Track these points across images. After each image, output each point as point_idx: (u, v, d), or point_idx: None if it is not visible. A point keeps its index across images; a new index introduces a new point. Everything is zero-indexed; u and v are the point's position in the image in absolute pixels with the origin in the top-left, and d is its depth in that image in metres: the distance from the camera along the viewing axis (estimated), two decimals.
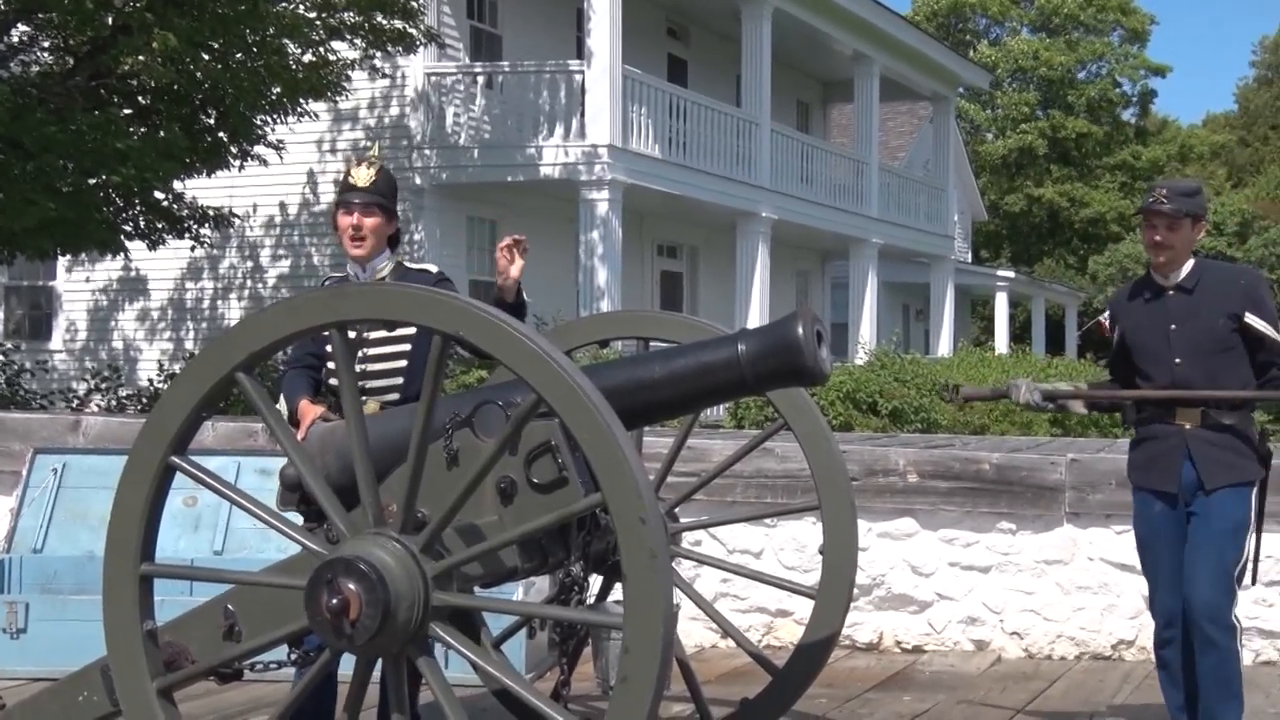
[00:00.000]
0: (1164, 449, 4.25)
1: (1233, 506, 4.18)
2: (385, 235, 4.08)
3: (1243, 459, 4.21)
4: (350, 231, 4.03)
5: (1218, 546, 4.14)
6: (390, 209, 4.08)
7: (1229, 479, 4.17)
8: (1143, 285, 4.40)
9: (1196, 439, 4.20)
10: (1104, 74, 38.97)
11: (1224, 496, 4.16)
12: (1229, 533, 4.16)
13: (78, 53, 11.57)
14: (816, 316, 3.33)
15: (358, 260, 4.07)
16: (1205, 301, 4.22)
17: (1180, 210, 4.21)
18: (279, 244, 16.66)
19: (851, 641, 6.39)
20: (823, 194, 20.62)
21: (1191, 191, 4.31)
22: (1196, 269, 4.29)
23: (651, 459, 4.71)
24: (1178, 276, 4.28)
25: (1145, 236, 4.29)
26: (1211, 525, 4.16)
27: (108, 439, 6.62)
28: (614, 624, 2.76)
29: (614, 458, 2.58)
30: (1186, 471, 4.20)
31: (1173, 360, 4.23)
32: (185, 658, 3.00)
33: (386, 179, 4.10)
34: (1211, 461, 4.17)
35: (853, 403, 13.15)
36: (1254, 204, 34.08)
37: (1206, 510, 4.17)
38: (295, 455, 2.97)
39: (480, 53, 16.82)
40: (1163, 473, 4.24)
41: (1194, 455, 4.19)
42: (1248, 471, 4.21)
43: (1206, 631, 4.13)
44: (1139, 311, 4.34)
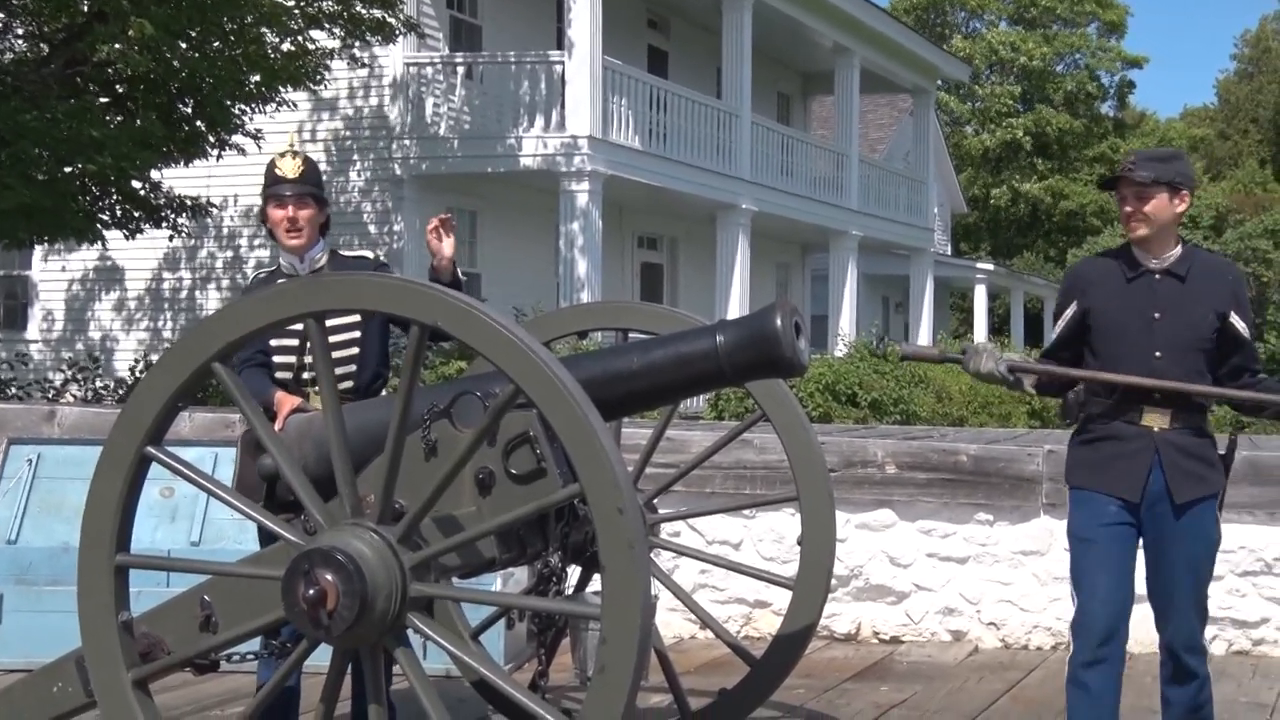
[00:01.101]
0: (1127, 452, 3.74)
1: (1209, 525, 3.79)
2: (318, 224, 4.07)
3: (1212, 469, 3.80)
4: (286, 224, 4.02)
5: (1196, 573, 3.79)
6: (321, 198, 4.08)
7: (1199, 492, 3.75)
8: (1119, 262, 3.84)
9: (1167, 445, 3.73)
10: (1081, 67, 39.12)
11: (1198, 514, 3.75)
12: (1206, 557, 3.81)
13: (53, 40, 11.48)
14: (795, 308, 3.33)
15: (295, 251, 4.05)
16: (1196, 292, 3.74)
17: (1150, 177, 3.71)
18: (257, 233, 16.57)
19: (829, 632, 6.41)
20: (803, 186, 20.64)
21: (1165, 157, 3.83)
22: (1188, 255, 3.81)
23: (630, 450, 4.72)
24: (1168, 259, 3.78)
25: (1119, 211, 3.84)
26: (1188, 548, 3.76)
27: (83, 429, 6.58)
28: (592, 614, 2.76)
29: (592, 448, 2.58)
30: (1155, 480, 3.72)
31: (1153, 352, 3.73)
32: (161, 649, 2.99)
33: (313, 168, 4.11)
34: (1182, 472, 3.73)
35: (832, 394, 13.20)
36: (1231, 197, 34.31)
37: (1178, 531, 3.75)
38: (272, 446, 2.96)
39: (460, 43, 16.76)
40: (1124, 478, 3.74)
41: (1164, 462, 3.72)
42: (1214, 483, 3.80)
43: (1186, 663, 3.84)
44: (1116, 291, 3.78)
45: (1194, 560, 3.79)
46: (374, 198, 15.98)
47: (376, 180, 15.95)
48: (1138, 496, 3.74)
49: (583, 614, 3.13)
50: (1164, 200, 3.73)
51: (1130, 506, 3.75)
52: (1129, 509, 3.76)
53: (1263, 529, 6.13)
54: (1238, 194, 35.96)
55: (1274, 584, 6.15)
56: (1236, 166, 41.96)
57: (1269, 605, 6.17)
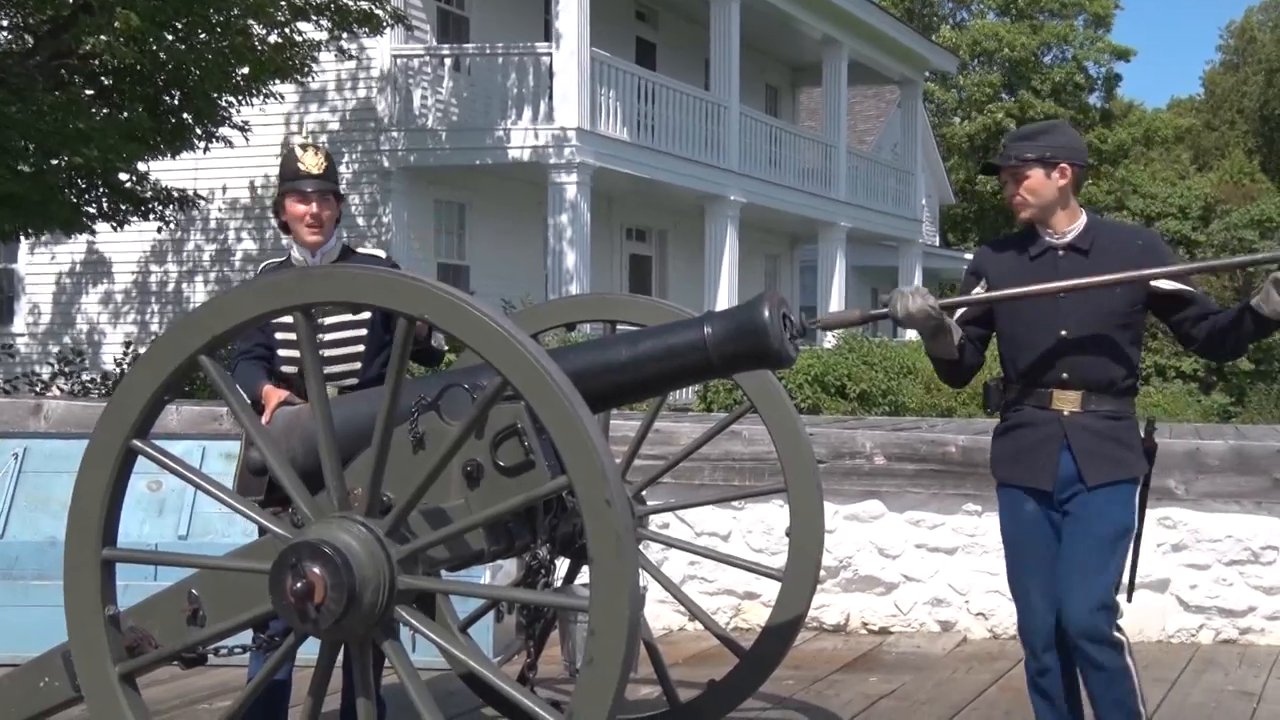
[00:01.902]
0: (1037, 439, 3.61)
1: (1117, 507, 3.59)
2: (335, 221, 4.07)
3: (1127, 452, 3.60)
4: (309, 220, 4.00)
5: (1098, 556, 3.56)
6: (340, 194, 4.09)
7: (1112, 475, 3.57)
8: (1023, 240, 3.71)
9: (1076, 427, 3.58)
10: (1068, 58, 39.17)
11: (1106, 496, 3.57)
12: (1110, 539, 3.58)
13: (38, 32, 11.42)
14: (783, 300, 3.33)
15: (312, 247, 4.04)
16: (1101, 265, 3.57)
17: (1016, 156, 3.60)
18: (245, 225, 16.54)
19: (819, 623, 6.42)
20: (791, 177, 20.64)
21: (1034, 133, 3.68)
22: (1091, 227, 3.65)
23: (619, 441, 4.71)
24: (1070, 233, 3.64)
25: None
26: (1091, 530, 3.57)
27: (70, 423, 6.55)
28: (580, 607, 2.75)
29: (580, 440, 2.57)
30: (1064, 464, 3.58)
31: (1059, 330, 3.58)
32: (148, 643, 2.98)
33: (334, 164, 4.12)
34: (1093, 454, 3.56)
35: (821, 386, 13.22)
36: (1219, 188, 34.39)
37: (1084, 511, 3.57)
38: (260, 439, 2.94)
39: (448, 35, 16.72)
40: (1035, 467, 3.61)
41: (1073, 445, 3.57)
42: (1132, 467, 3.61)
43: (1087, 652, 3.56)
44: (1020, 270, 3.63)
45: (1097, 541, 3.56)
46: (362, 190, 15.95)
47: (364, 172, 15.91)
48: (1050, 483, 3.61)
49: (571, 606, 3.12)
50: (1040, 177, 3.60)
51: (1045, 496, 3.63)
52: (1045, 500, 3.63)
53: (1249, 518, 6.16)
54: (1226, 184, 36.05)
55: (1261, 573, 6.18)
56: (1223, 157, 42.07)
57: (1255, 594, 6.20)
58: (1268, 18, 45.22)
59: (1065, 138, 3.68)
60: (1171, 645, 6.18)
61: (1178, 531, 6.21)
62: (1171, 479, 6.16)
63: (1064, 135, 3.69)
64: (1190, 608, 6.25)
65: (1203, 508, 6.17)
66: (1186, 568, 6.23)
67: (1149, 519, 6.14)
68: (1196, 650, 6.09)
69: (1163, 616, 6.26)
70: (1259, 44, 44.72)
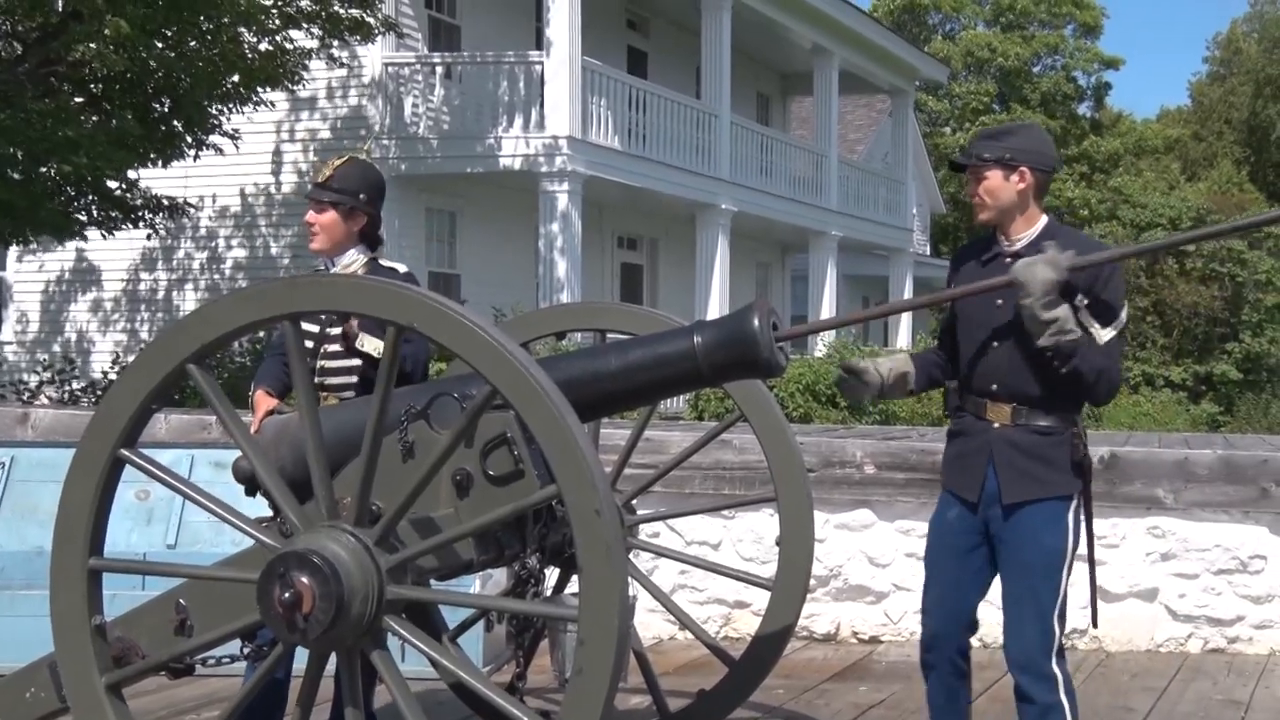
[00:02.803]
0: (970, 449, 3.55)
1: (1043, 531, 3.46)
2: (344, 231, 4.03)
3: (1052, 470, 3.46)
4: (308, 228, 4.03)
5: (1030, 584, 3.47)
6: (349, 204, 4.03)
7: (1032, 494, 3.45)
8: (986, 243, 3.63)
9: (1001, 441, 3.47)
10: (1058, 68, 39.31)
11: (1030, 519, 3.46)
12: (1040, 566, 3.47)
13: (27, 39, 11.40)
14: (773, 309, 3.33)
15: (317, 255, 4.07)
16: None
17: (976, 155, 3.50)
18: (236, 233, 16.51)
19: (809, 632, 6.42)
20: (782, 186, 20.68)
21: (998, 134, 3.56)
22: (1046, 233, 3.52)
23: (609, 450, 4.71)
24: (1020, 241, 3.52)
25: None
26: (1020, 556, 3.48)
27: (58, 431, 6.53)
28: (570, 616, 2.75)
29: (569, 450, 2.57)
30: (990, 480, 3.50)
31: (991, 341, 3.50)
32: (135, 653, 2.96)
33: (349, 175, 4.05)
34: (1013, 469, 3.46)
35: (812, 395, 13.23)
36: (1210, 198, 34.50)
37: (1012, 536, 3.48)
38: (247, 447, 2.94)
39: (439, 43, 16.73)
40: (965, 477, 3.55)
41: (996, 461, 3.48)
42: (1057, 485, 3.46)
43: (1020, 684, 3.51)
44: (974, 275, 3.56)
45: (1026, 569, 3.48)
46: None
47: None
48: (975, 496, 3.53)
49: (561, 616, 3.12)
50: (999, 179, 3.48)
51: (971, 507, 3.55)
52: (971, 510, 3.56)
53: (1237, 527, 6.17)
54: (1216, 195, 36.17)
55: (1249, 582, 6.19)
56: (1211, 168, 42.21)
57: (1243, 603, 6.21)
58: (1253, 29, 45.42)
59: (1031, 140, 3.54)
60: (1160, 654, 6.19)
61: (1166, 541, 6.23)
62: (1160, 488, 6.17)
63: (1030, 138, 3.56)
64: (1179, 617, 6.26)
65: (1191, 517, 6.19)
66: (1175, 577, 6.24)
67: (1137, 527, 6.23)
68: (1185, 659, 6.10)
69: (1151, 625, 6.27)
70: (1245, 55, 44.91)
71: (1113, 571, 6.26)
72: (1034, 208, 3.56)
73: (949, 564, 3.62)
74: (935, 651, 3.67)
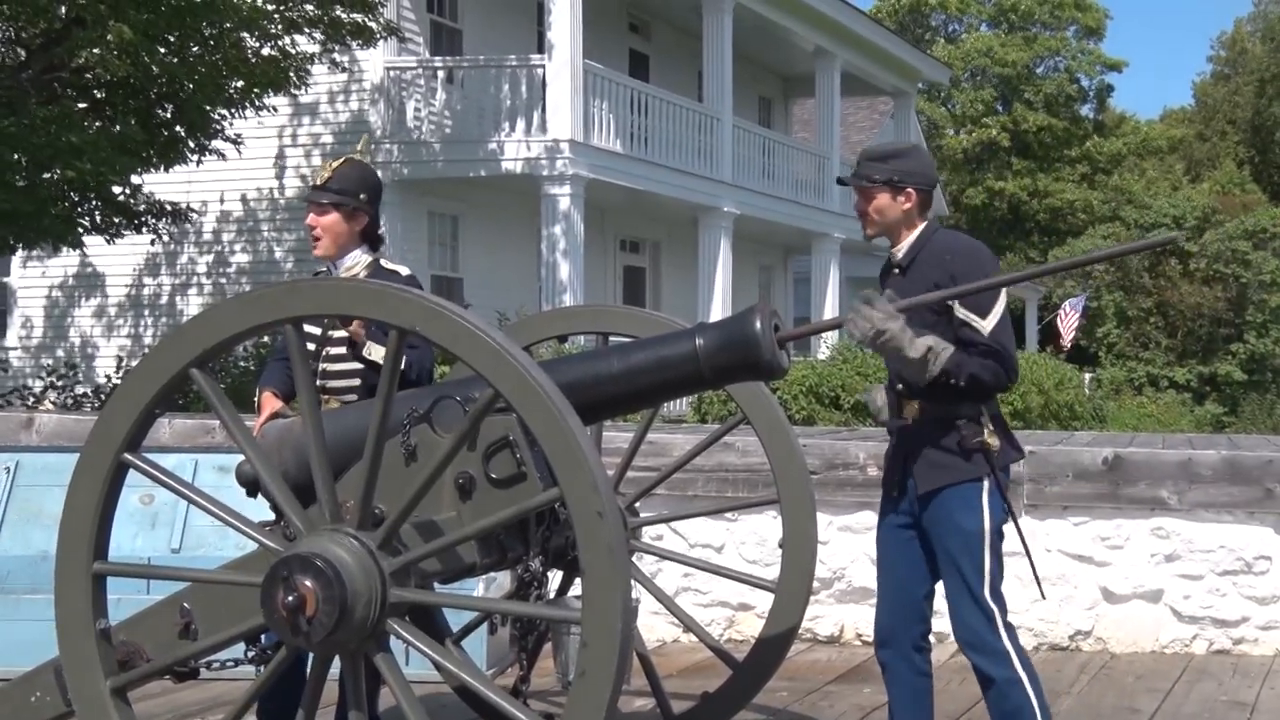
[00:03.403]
0: (892, 447, 3.76)
1: (957, 514, 3.61)
2: (346, 232, 4.03)
3: (955, 457, 3.60)
4: (309, 230, 4.03)
5: (955, 566, 3.63)
6: (350, 206, 4.02)
7: (941, 480, 3.61)
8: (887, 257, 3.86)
9: (908, 436, 3.68)
10: (1061, 70, 39.29)
11: (944, 504, 3.62)
12: (964, 548, 3.61)
13: (30, 45, 11.43)
14: (775, 311, 3.33)
15: (319, 258, 4.06)
16: (913, 282, 3.63)
17: (866, 176, 3.68)
18: (239, 238, 16.53)
19: (812, 634, 6.41)
20: (785, 189, 20.68)
21: (885, 155, 3.73)
22: (916, 244, 3.71)
23: (612, 453, 4.71)
24: (899, 250, 3.74)
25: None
26: (943, 542, 3.64)
27: (62, 436, 6.54)
28: (573, 619, 2.75)
29: (571, 452, 2.57)
30: (905, 473, 3.70)
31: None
32: (140, 656, 2.97)
33: (348, 176, 4.03)
34: (925, 463, 3.63)
35: (815, 396, 13.22)
36: (1215, 199, 34.49)
37: (932, 524, 3.65)
38: (250, 451, 2.94)
39: (441, 47, 16.74)
40: (890, 474, 3.75)
41: (906, 454, 3.68)
42: (963, 470, 3.60)
43: (974, 663, 3.66)
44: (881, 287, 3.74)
45: (949, 553, 3.63)
46: None
47: None
48: (898, 490, 3.72)
49: (564, 618, 3.12)
50: (886, 199, 3.70)
51: (896, 502, 3.73)
52: (899, 506, 3.73)
53: (1242, 528, 6.17)
54: (1219, 194, 36.14)
55: (1254, 583, 6.18)
56: (1215, 168, 42.17)
57: (1248, 604, 6.20)
58: (1257, 28, 45.38)
59: (915, 163, 3.75)
60: (1165, 655, 6.18)
61: (1171, 542, 6.22)
62: (1164, 489, 6.17)
63: (915, 160, 3.76)
64: (1184, 618, 6.25)
65: (1195, 518, 6.18)
66: (1180, 578, 6.23)
67: (1142, 529, 6.23)
68: (1190, 660, 6.09)
69: (1156, 627, 6.26)
70: (1250, 54, 44.87)
71: (1117, 573, 6.26)
72: (917, 220, 3.76)
73: (891, 560, 3.77)
74: (890, 648, 3.79)
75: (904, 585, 3.75)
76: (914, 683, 3.82)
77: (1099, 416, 17.99)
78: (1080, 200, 37.58)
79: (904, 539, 3.74)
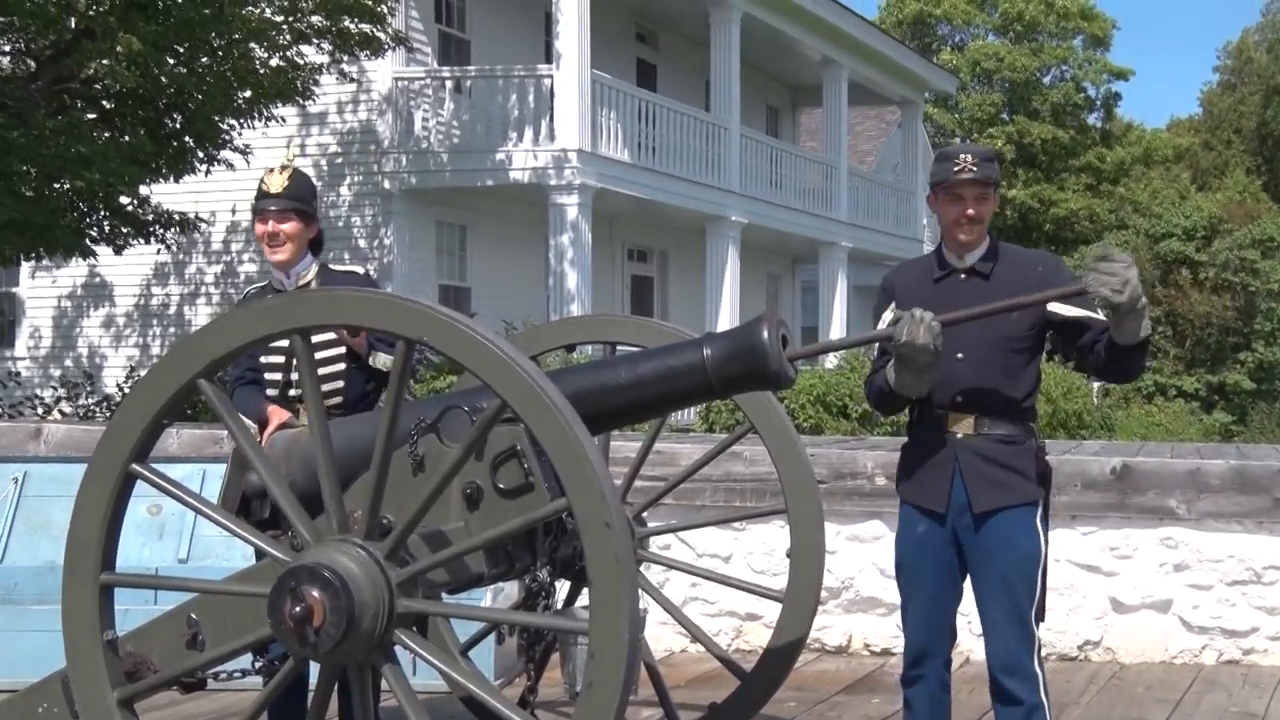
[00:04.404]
0: (933, 461, 3.62)
1: (1017, 536, 3.55)
2: (305, 240, 4.06)
3: (1017, 477, 3.56)
4: (267, 239, 4.03)
5: (1008, 588, 3.55)
6: (307, 213, 4.05)
7: (1002, 501, 3.55)
8: (929, 263, 3.73)
9: (967, 451, 3.56)
10: (1067, 78, 39.26)
11: (1003, 525, 3.55)
12: (1019, 571, 3.55)
13: (40, 56, 11.47)
14: (782, 321, 3.33)
15: (279, 267, 4.06)
16: (1001, 289, 3.54)
17: (990, 177, 3.59)
18: (247, 247, 16.56)
19: (821, 644, 6.40)
20: (792, 198, 20.69)
21: (993, 156, 3.68)
22: (993, 250, 3.65)
23: (619, 463, 4.71)
24: (974, 256, 3.64)
25: (951, 213, 3.61)
26: (997, 563, 3.55)
27: (70, 447, 6.55)
28: (580, 629, 2.75)
29: (578, 462, 2.57)
30: (956, 488, 3.58)
31: (954, 353, 3.52)
32: (147, 667, 2.97)
33: (301, 183, 4.07)
34: (983, 480, 3.54)
35: (823, 406, 13.20)
36: (1224, 208, 34.43)
37: (986, 544, 3.56)
38: (257, 461, 2.94)
39: (449, 57, 16.78)
40: (930, 488, 3.62)
41: (963, 471, 3.56)
42: (1025, 492, 3.57)
43: (1005, 686, 3.57)
44: (922, 293, 3.60)
45: (1005, 576, 3.56)
46: (363, 212, 15.98)
47: (366, 194, 15.95)
48: (943, 507, 3.60)
49: (570, 629, 3.12)
50: (994, 201, 3.66)
51: (939, 518, 3.62)
52: (938, 521, 3.62)
53: (1251, 538, 6.14)
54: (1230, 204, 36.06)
55: (1263, 593, 6.16)
56: (1223, 177, 42.11)
57: (1258, 614, 6.18)
58: (1264, 38, 45.33)
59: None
60: (1174, 666, 6.16)
61: (1179, 551, 6.20)
62: (1173, 499, 6.15)
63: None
64: (1193, 628, 6.22)
65: (1204, 527, 6.16)
66: (1189, 588, 6.21)
67: (1150, 538, 6.21)
68: (1200, 671, 6.07)
69: (1165, 637, 6.23)
70: (1256, 64, 44.82)
71: (1126, 583, 6.23)
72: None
73: (927, 579, 3.67)
74: (923, 666, 3.71)
75: (938, 601, 3.67)
76: (940, 699, 3.75)
77: (1107, 426, 17.94)
78: (1086, 209, 37.52)
79: (941, 558, 3.64)
